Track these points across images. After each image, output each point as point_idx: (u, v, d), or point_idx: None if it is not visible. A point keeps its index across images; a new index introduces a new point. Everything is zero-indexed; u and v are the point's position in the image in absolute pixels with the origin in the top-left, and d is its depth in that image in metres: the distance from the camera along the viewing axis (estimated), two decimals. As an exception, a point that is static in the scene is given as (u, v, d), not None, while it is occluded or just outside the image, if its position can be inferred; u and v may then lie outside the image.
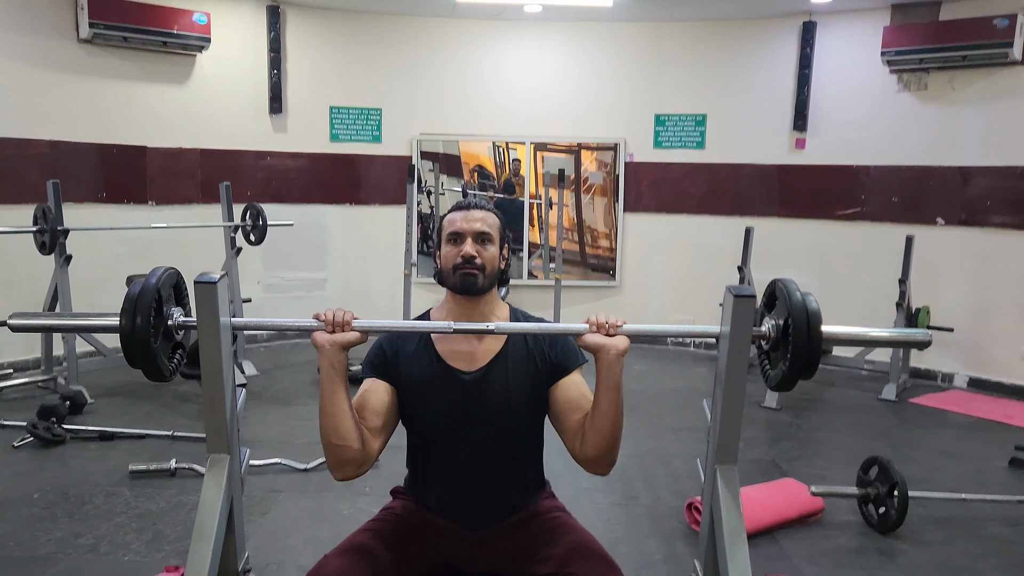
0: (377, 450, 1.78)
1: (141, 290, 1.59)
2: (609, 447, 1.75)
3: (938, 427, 4.80)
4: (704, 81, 6.62)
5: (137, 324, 1.58)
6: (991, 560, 3.01)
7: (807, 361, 1.67)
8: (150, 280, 1.63)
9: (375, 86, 6.75)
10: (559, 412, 1.82)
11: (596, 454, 1.75)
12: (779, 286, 1.78)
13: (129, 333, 1.57)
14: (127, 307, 1.58)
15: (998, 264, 5.62)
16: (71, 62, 5.48)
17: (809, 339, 1.67)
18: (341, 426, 1.69)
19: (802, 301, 1.70)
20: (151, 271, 1.68)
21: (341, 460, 1.72)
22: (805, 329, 1.67)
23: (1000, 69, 5.48)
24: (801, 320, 1.68)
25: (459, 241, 1.85)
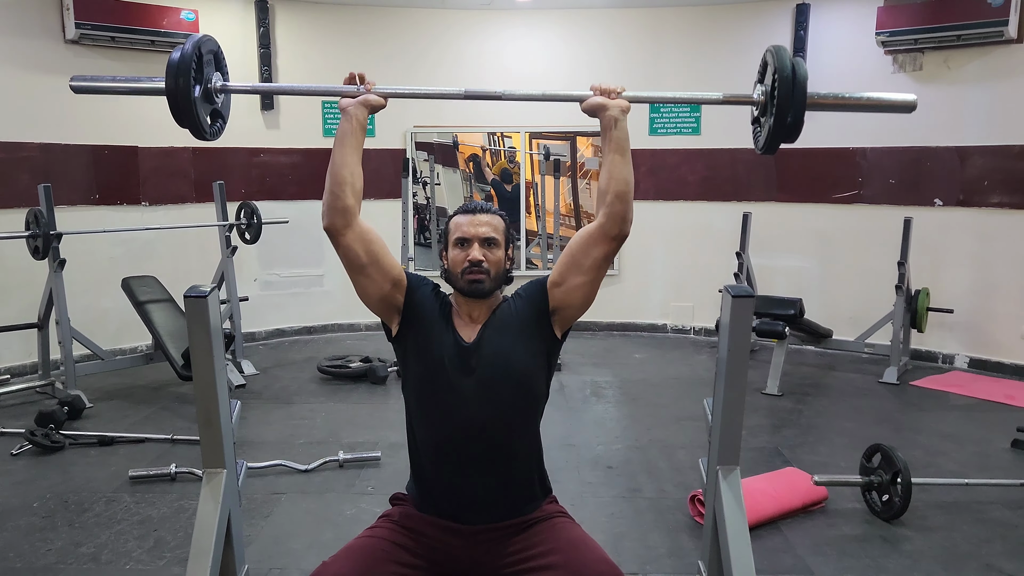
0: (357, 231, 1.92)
1: (181, 54, 1.75)
2: (627, 201, 1.86)
3: (940, 409, 4.79)
4: (699, 66, 6.57)
5: (180, 84, 1.76)
6: (995, 545, 3.00)
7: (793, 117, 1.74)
8: (187, 45, 1.78)
9: (369, 79, 6.67)
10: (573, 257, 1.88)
11: (615, 209, 1.84)
12: (769, 51, 1.83)
13: (174, 93, 1.75)
14: (170, 70, 1.75)
15: (997, 244, 5.59)
16: (58, 63, 5.42)
17: (793, 94, 1.73)
18: (340, 175, 1.91)
19: (790, 61, 1.76)
20: (187, 39, 1.83)
21: (333, 206, 1.91)
22: (790, 84, 1.73)
23: (995, 48, 5.43)
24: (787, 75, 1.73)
25: (466, 246, 1.93)
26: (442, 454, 1.88)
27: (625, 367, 5.81)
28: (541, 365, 1.93)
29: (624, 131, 1.86)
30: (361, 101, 1.92)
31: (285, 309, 6.74)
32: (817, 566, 2.83)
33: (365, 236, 1.90)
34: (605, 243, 1.87)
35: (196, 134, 1.93)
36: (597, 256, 1.88)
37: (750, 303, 1.72)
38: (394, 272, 1.91)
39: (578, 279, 1.88)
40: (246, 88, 2.06)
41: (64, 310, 4.69)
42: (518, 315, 1.93)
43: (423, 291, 1.95)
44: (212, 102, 1.93)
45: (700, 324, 6.83)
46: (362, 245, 1.89)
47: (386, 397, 4.96)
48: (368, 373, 5.27)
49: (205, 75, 1.87)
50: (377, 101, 1.94)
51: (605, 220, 1.85)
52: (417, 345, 1.89)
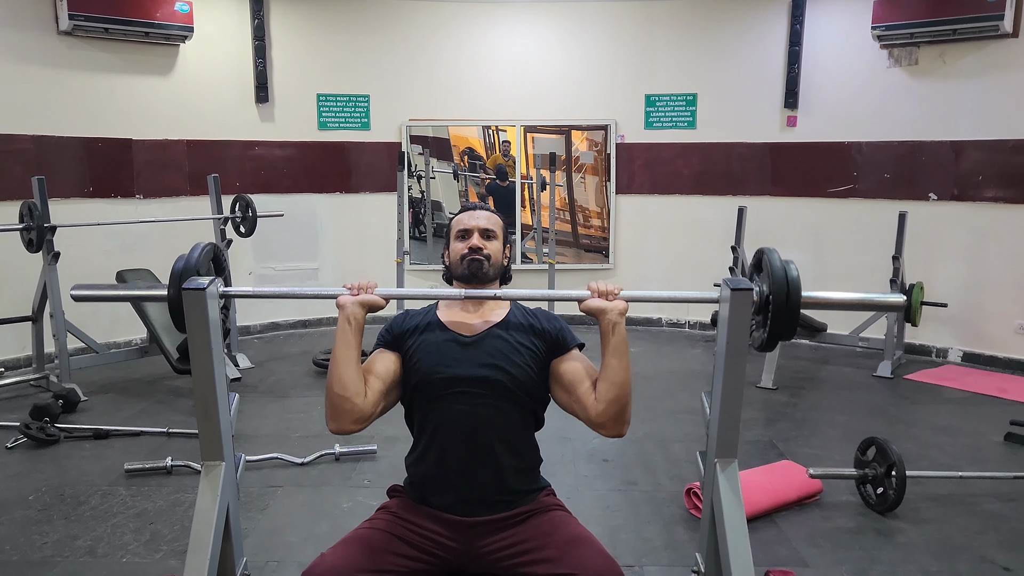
0: (373, 411, 1.87)
1: (184, 265, 1.81)
2: (623, 404, 1.86)
3: (933, 403, 4.82)
4: (694, 60, 6.58)
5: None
6: (988, 537, 3.02)
7: (787, 325, 1.77)
8: (192, 255, 1.85)
9: (362, 72, 6.68)
10: (568, 384, 1.92)
11: (612, 412, 1.85)
12: (764, 255, 1.86)
13: (176, 300, 1.77)
14: (173, 279, 1.79)
15: (991, 238, 5.62)
16: (52, 55, 5.39)
17: (788, 305, 1.75)
18: (346, 377, 1.82)
19: (783, 269, 1.79)
20: (192, 247, 1.88)
21: (340, 410, 1.82)
22: (784, 295, 1.75)
23: (991, 42, 5.44)
24: (781, 287, 1.76)
25: (467, 236, 2.02)
26: (439, 447, 1.89)
27: (620, 361, 5.80)
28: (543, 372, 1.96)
29: (623, 335, 1.86)
30: (360, 300, 1.87)
31: (280, 302, 6.72)
32: (812, 558, 2.85)
33: (379, 398, 1.89)
34: (589, 425, 1.91)
35: None
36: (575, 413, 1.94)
37: (749, 296, 1.73)
38: (395, 366, 1.95)
39: (559, 394, 1.96)
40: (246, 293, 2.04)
41: (58, 303, 4.67)
42: (528, 330, 1.97)
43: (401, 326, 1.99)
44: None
45: (695, 318, 6.84)
46: (384, 402, 1.92)
47: (382, 390, 4.95)
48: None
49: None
50: (376, 301, 1.88)
51: (600, 419, 1.87)
52: (414, 355, 1.93)
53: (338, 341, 1.85)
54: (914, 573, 2.75)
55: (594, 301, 1.86)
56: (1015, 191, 5.46)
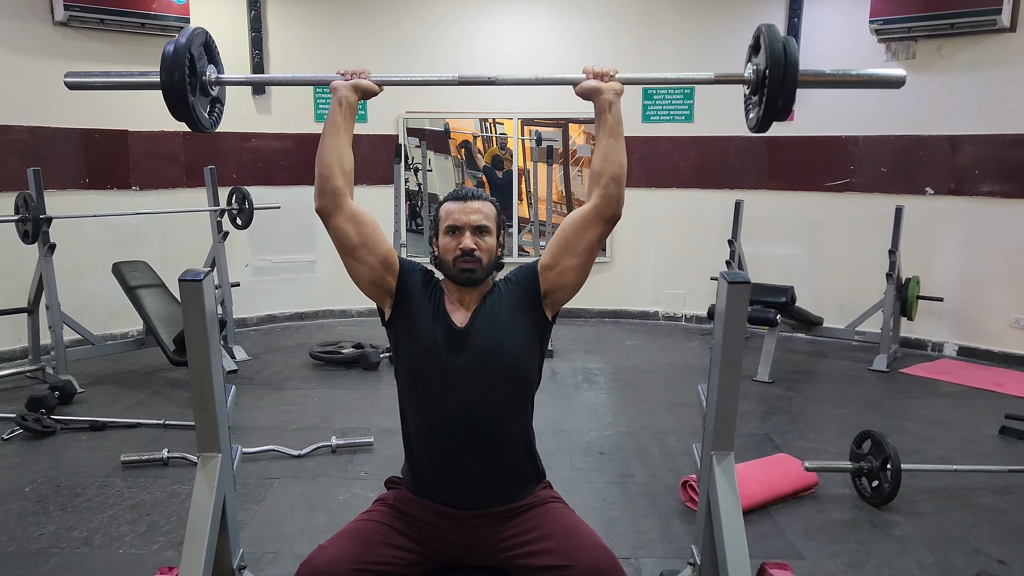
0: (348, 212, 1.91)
1: (174, 49, 1.76)
2: (622, 184, 1.88)
3: (929, 396, 4.83)
4: (692, 53, 6.56)
5: (175, 79, 1.76)
6: (983, 529, 3.03)
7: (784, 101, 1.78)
8: (180, 39, 1.78)
9: (359, 64, 6.52)
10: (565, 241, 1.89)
11: (609, 191, 1.86)
12: (763, 31, 1.84)
13: (169, 87, 1.75)
14: (164, 64, 1.76)
15: (987, 233, 5.63)
16: (47, 46, 5.37)
17: (785, 79, 1.76)
18: (331, 157, 1.89)
19: (781, 43, 1.78)
20: (180, 32, 1.82)
21: (321, 188, 1.90)
22: (782, 69, 1.76)
23: (988, 36, 5.44)
24: (778, 61, 1.76)
25: (458, 234, 1.92)
26: (434, 439, 1.88)
27: (617, 354, 5.83)
28: (533, 349, 1.93)
29: (618, 115, 1.88)
30: (352, 84, 1.91)
31: (277, 295, 6.72)
32: (807, 550, 2.86)
33: (356, 218, 1.89)
34: (599, 225, 1.88)
35: (193, 127, 1.93)
36: (591, 238, 1.88)
37: (746, 289, 1.73)
38: (386, 255, 1.91)
39: (571, 261, 1.89)
40: (240, 80, 2.04)
41: (54, 295, 4.66)
42: (509, 299, 1.92)
43: (415, 276, 1.95)
44: (207, 94, 1.92)
45: (692, 311, 6.85)
46: (353, 227, 1.89)
47: (378, 383, 4.96)
48: (360, 359, 5.27)
49: (199, 68, 1.88)
50: (369, 86, 1.93)
51: (600, 202, 1.86)
52: (408, 330, 1.89)
53: (328, 122, 1.89)
54: (909, 566, 2.76)
55: (589, 82, 1.89)
56: (1012, 185, 5.47)
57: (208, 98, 1.96)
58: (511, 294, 1.93)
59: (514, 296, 1.92)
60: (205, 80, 1.91)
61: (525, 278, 1.94)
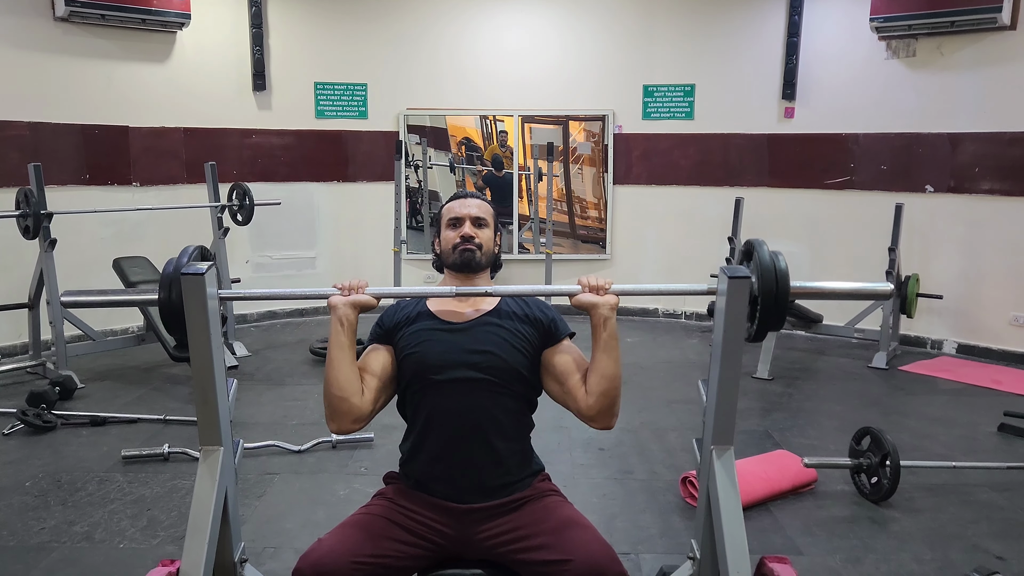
0: (372, 408, 1.89)
1: (174, 269, 1.80)
2: (613, 398, 1.86)
3: (928, 394, 4.84)
4: (692, 51, 6.56)
5: (173, 297, 1.77)
6: (982, 526, 3.04)
7: (776, 316, 1.80)
8: (181, 259, 1.83)
9: (360, 61, 6.66)
10: (559, 375, 1.92)
11: (602, 405, 1.86)
12: (754, 248, 1.88)
13: (167, 304, 1.79)
14: (163, 283, 1.80)
15: (987, 231, 5.63)
16: (48, 41, 5.37)
17: (777, 296, 1.78)
18: (342, 378, 1.83)
19: (771, 260, 1.81)
20: (181, 251, 1.85)
21: (339, 411, 1.84)
22: (773, 286, 1.78)
23: (988, 34, 5.44)
24: (769, 278, 1.78)
25: (458, 225, 2.02)
26: (431, 434, 1.89)
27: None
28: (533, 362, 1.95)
29: (613, 330, 1.87)
30: (351, 301, 1.87)
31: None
32: (806, 546, 2.87)
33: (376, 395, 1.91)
34: (582, 418, 1.91)
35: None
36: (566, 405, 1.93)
37: (747, 284, 1.73)
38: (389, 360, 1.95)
39: (551, 386, 1.95)
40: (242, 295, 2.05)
41: (55, 290, 4.66)
42: (520, 319, 1.96)
43: (392, 319, 1.99)
44: None
45: (691, 309, 6.85)
46: (383, 397, 1.93)
47: (378, 379, 4.96)
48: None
49: None
50: (367, 300, 1.88)
51: (589, 412, 1.87)
52: (406, 344, 1.93)
53: (331, 343, 1.86)
54: (908, 562, 2.77)
55: (585, 296, 1.87)
56: (1011, 183, 5.47)
57: None
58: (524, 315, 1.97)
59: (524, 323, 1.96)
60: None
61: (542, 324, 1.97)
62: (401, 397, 1.98)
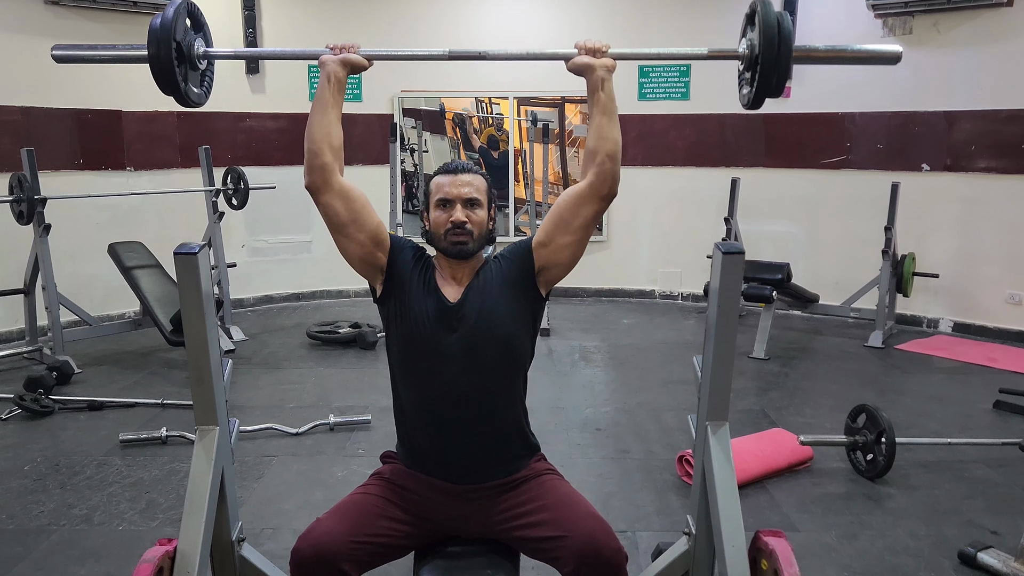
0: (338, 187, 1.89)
1: (161, 22, 1.75)
2: (615, 159, 1.86)
3: (924, 372, 4.85)
4: (688, 30, 6.52)
5: (162, 52, 1.75)
6: (976, 502, 3.06)
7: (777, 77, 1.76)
8: (167, 12, 1.77)
9: (353, 42, 6.59)
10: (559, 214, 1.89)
11: (603, 170, 1.86)
12: (757, 5, 1.80)
13: (156, 60, 1.76)
14: (151, 38, 1.75)
15: (983, 209, 5.63)
16: (39, 25, 5.33)
17: (779, 55, 1.73)
18: (320, 134, 1.88)
19: (775, 18, 1.74)
20: (167, 5, 1.80)
21: (310, 165, 1.88)
22: (775, 45, 1.73)
23: (985, 11, 5.42)
24: (772, 37, 1.73)
25: (449, 207, 1.91)
26: (426, 414, 1.88)
27: (613, 332, 5.84)
28: (526, 324, 1.93)
29: (611, 91, 1.86)
30: (341, 59, 1.90)
31: (273, 275, 6.72)
32: (802, 523, 2.89)
33: (346, 194, 1.88)
34: (595, 202, 1.87)
35: (181, 101, 1.92)
36: (587, 215, 1.87)
37: (740, 259, 1.73)
38: (376, 231, 1.90)
39: (566, 238, 1.88)
40: (228, 54, 2.03)
41: (51, 276, 4.66)
42: (502, 275, 1.91)
43: (405, 253, 1.94)
44: (195, 68, 1.91)
45: (688, 290, 6.86)
46: (343, 203, 1.88)
47: (375, 362, 4.97)
48: (357, 339, 5.28)
49: (187, 41, 1.85)
50: (358, 60, 1.91)
51: (595, 179, 1.86)
52: (400, 306, 1.89)
53: (316, 97, 1.89)
54: (903, 537, 2.78)
55: (581, 58, 1.87)
56: (1008, 161, 5.46)
57: (197, 72, 1.95)
58: (504, 270, 1.92)
59: (507, 273, 1.92)
60: (193, 53, 1.89)
61: (519, 255, 1.93)
62: (393, 375, 1.95)
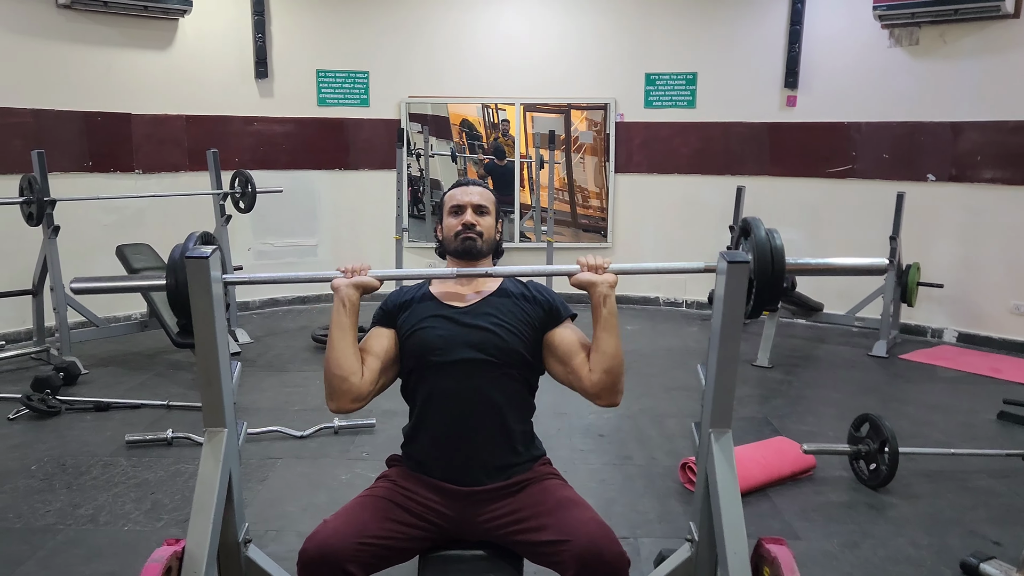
0: (371, 389, 1.91)
1: (180, 254, 1.82)
2: (616, 375, 1.89)
3: (928, 382, 4.85)
4: (695, 39, 6.55)
5: (180, 282, 1.79)
6: (979, 512, 3.06)
7: (771, 293, 1.83)
8: (187, 244, 1.84)
9: (362, 48, 6.65)
10: (562, 355, 1.95)
11: (605, 383, 1.88)
12: (750, 224, 1.89)
13: (174, 290, 1.81)
14: (170, 269, 1.82)
15: (988, 219, 5.63)
16: (50, 28, 5.37)
17: (772, 273, 1.80)
18: (344, 359, 1.86)
19: (766, 238, 1.83)
20: (187, 237, 1.87)
21: (338, 390, 1.87)
22: (769, 263, 1.80)
23: (992, 23, 5.43)
24: (765, 255, 1.81)
25: (460, 212, 2.05)
26: (433, 417, 1.92)
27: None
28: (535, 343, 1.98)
29: (613, 308, 1.89)
30: (354, 282, 1.91)
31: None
32: (804, 531, 2.89)
33: (377, 376, 1.93)
34: (586, 396, 1.94)
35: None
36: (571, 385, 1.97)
37: (745, 268, 1.75)
38: (392, 343, 1.98)
39: (555, 367, 1.99)
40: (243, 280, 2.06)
41: (59, 277, 4.69)
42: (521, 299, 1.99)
43: (395, 302, 2.03)
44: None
45: (692, 297, 6.87)
46: (384, 380, 1.97)
47: (380, 366, 4.98)
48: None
49: None
50: (370, 282, 1.92)
51: (594, 389, 1.90)
52: (408, 327, 1.96)
53: (333, 324, 1.89)
54: (905, 547, 2.79)
55: (584, 275, 1.89)
56: (1013, 172, 5.47)
57: None
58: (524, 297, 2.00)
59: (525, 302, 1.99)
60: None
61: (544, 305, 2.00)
62: (405, 381, 2.01)
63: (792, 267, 1.86)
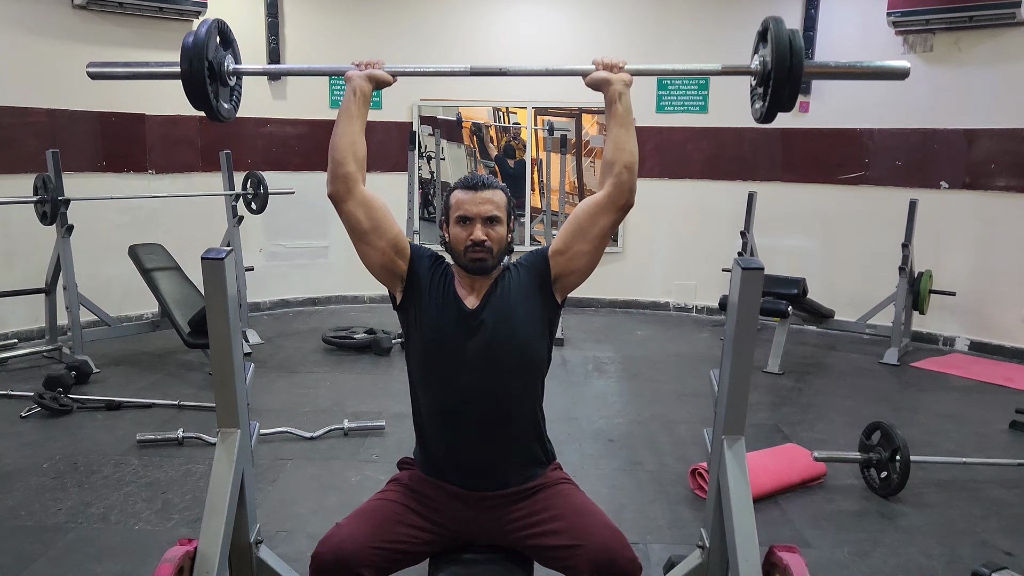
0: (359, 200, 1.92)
1: (194, 39, 1.83)
2: (632, 170, 1.89)
3: (939, 390, 4.83)
4: (707, 44, 6.54)
5: (194, 69, 1.82)
6: (991, 522, 3.05)
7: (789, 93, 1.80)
8: (199, 30, 1.85)
9: (374, 51, 6.53)
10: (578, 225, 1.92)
11: (621, 180, 1.88)
12: (770, 23, 1.85)
13: (189, 76, 1.83)
14: (184, 56, 1.83)
15: (1001, 228, 5.60)
16: (66, 29, 5.41)
17: (790, 72, 1.77)
18: (344, 144, 1.91)
19: (787, 36, 1.79)
20: (199, 24, 1.88)
21: (333, 174, 1.92)
22: (787, 62, 1.77)
23: (1007, 30, 5.41)
24: (784, 54, 1.77)
25: (469, 224, 1.91)
26: (444, 420, 1.91)
27: (627, 344, 5.84)
28: (543, 332, 1.96)
29: (628, 105, 1.90)
30: (367, 74, 1.93)
31: (290, 280, 6.76)
32: (815, 539, 2.88)
33: (367, 203, 1.92)
34: (612, 212, 1.90)
35: (211, 116, 1.97)
36: (604, 225, 1.91)
37: (760, 275, 1.74)
38: (397, 239, 1.93)
39: (583, 247, 1.92)
40: (257, 71, 2.09)
41: (72, 276, 4.72)
42: (520, 283, 1.95)
43: (424, 261, 1.97)
44: (225, 84, 1.97)
45: (702, 303, 6.85)
46: (364, 212, 1.91)
47: (390, 368, 5.00)
48: (372, 344, 5.31)
49: (218, 58, 1.91)
50: (383, 76, 1.94)
51: (613, 190, 1.89)
52: (419, 313, 1.92)
53: (342, 111, 1.91)
54: (916, 556, 2.77)
55: (599, 73, 1.92)
56: (1027, 180, 5.44)
57: (227, 88, 2.00)
58: (522, 278, 1.96)
59: (525, 280, 1.95)
60: (223, 70, 1.94)
61: (536, 263, 1.97)
62: (412, 382, 1.98)
63: (811, 68, 1.82)
